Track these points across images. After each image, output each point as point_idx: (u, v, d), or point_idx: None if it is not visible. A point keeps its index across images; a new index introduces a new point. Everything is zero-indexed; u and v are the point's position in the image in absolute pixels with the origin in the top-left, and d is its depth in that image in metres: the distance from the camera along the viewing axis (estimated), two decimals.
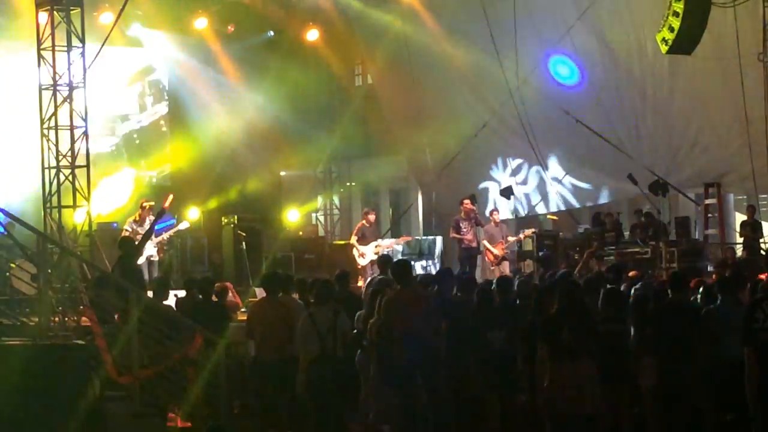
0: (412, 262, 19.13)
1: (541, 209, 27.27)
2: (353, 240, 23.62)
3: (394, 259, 16.98)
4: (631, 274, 15.76)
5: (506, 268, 22.70)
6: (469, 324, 12.96)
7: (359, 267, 23.25)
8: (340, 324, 12.73)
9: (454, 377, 12.93)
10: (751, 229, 22.72)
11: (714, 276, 15.74)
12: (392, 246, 24.46)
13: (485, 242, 23.25)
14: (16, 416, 10.47)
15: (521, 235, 23.73)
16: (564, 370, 10.16)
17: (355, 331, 13.14)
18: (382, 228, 28.44)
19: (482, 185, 27.67)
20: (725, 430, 11.42)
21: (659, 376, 11.51)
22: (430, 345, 12.47)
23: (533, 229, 24.01)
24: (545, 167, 25.89)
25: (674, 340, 11.40)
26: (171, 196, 21.49)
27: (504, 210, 25.96)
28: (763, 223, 23.92)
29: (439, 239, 26.28)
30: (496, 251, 23.00)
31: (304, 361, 12.83)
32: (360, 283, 20.89)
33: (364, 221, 23.87)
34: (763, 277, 14.12)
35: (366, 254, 23.12)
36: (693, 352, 11.32)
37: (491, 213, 24.07)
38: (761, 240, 22.75)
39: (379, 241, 23.70)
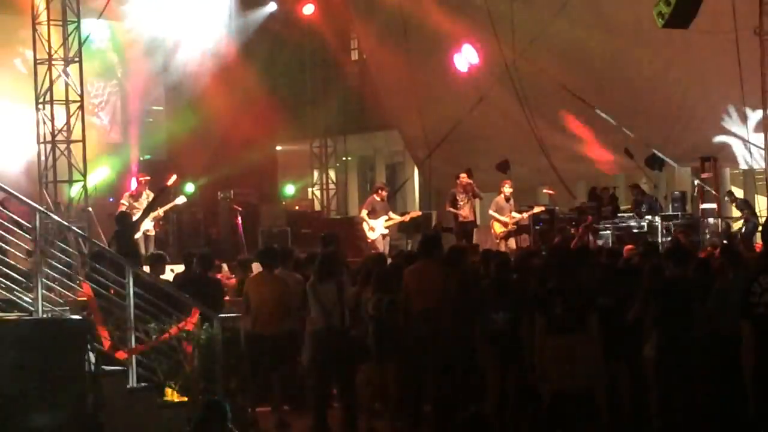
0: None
1: None
2: (363, 214, 23.45)
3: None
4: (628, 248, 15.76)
5: (513, 243, 22.54)
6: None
7: (369, 241, 23.11)
8: (345, 298, 12.74)
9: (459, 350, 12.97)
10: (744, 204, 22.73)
11: (709, 249, 15.73)
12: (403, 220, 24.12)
13: (493, 212, 23.06)
14: (11, 391, 10.46)
15: (529, 212, 23.38)
16: (558, 344, 10.15)
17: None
18: None
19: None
20: (724, 405, 11.44)
21: (659, 350, 11.56)
22: (446, 321, 12.51)
23: (542, 207, 23.76)
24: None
25: (675, 314, 11.44)
26: (174, 176, 21.39)
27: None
28: (760, 198, 23.96)
29: (434, 213, 26.19)
30: (504, 222, 22.83)
31: (309, 336, 12.86)
32: None
33: (375, 195, 23.63)
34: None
35: (376, 228, 22.99)
36: (693, 326, 11.37)
37: (502, 186, 23.35)
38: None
39: (390, 214, 23.51)
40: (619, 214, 23.13)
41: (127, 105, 28.87)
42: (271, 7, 30.70)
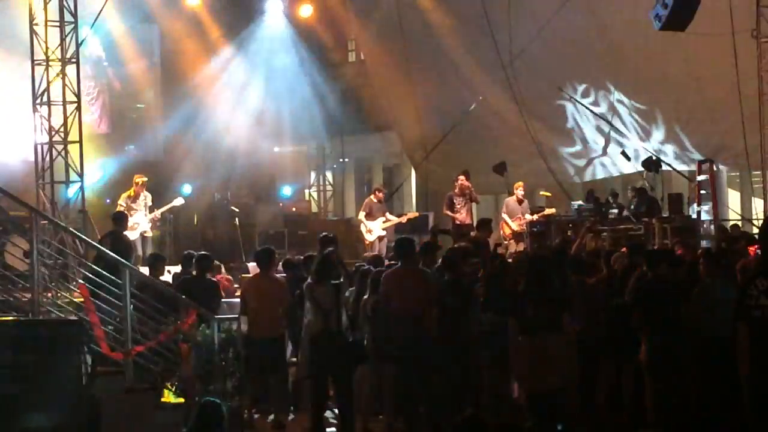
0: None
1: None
2: (361, 215, 23.46)
3: None
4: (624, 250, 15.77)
5: (522, 246, 22.43)
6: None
7: (367, 243, 23.14)
8: (342, 300, 12.74)
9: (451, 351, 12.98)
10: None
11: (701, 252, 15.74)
12: (400, 222, 24.05)
13: (504, 214, 22.95)
14: (8, 392, 10.46)
15: (541, 213, 23.23)
16: (532, 345, 10.18)
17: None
18: None
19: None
20: (717, 406, 11.46)
21: (649, 352, 11.60)
22: (424, 323, 12.50)
23: (553, 210, 23.64)
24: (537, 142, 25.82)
25: (662, 316, 11.47)
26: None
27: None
28: (757, 200, 23.93)
29: (431, 215, 26.14)
30: (513, 226, 22.71)
31: (306, 338, 12.87)
32: None
33: (373, 197, 23.69)
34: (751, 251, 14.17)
35: (373, 230, 22.99)
36: (682, 328, 11.40)
37: (515, 187, 23.17)
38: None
39: (387, 215, 23.48)
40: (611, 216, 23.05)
41: (118, 102, 28.67)
42: (270, 7, 30.69)
